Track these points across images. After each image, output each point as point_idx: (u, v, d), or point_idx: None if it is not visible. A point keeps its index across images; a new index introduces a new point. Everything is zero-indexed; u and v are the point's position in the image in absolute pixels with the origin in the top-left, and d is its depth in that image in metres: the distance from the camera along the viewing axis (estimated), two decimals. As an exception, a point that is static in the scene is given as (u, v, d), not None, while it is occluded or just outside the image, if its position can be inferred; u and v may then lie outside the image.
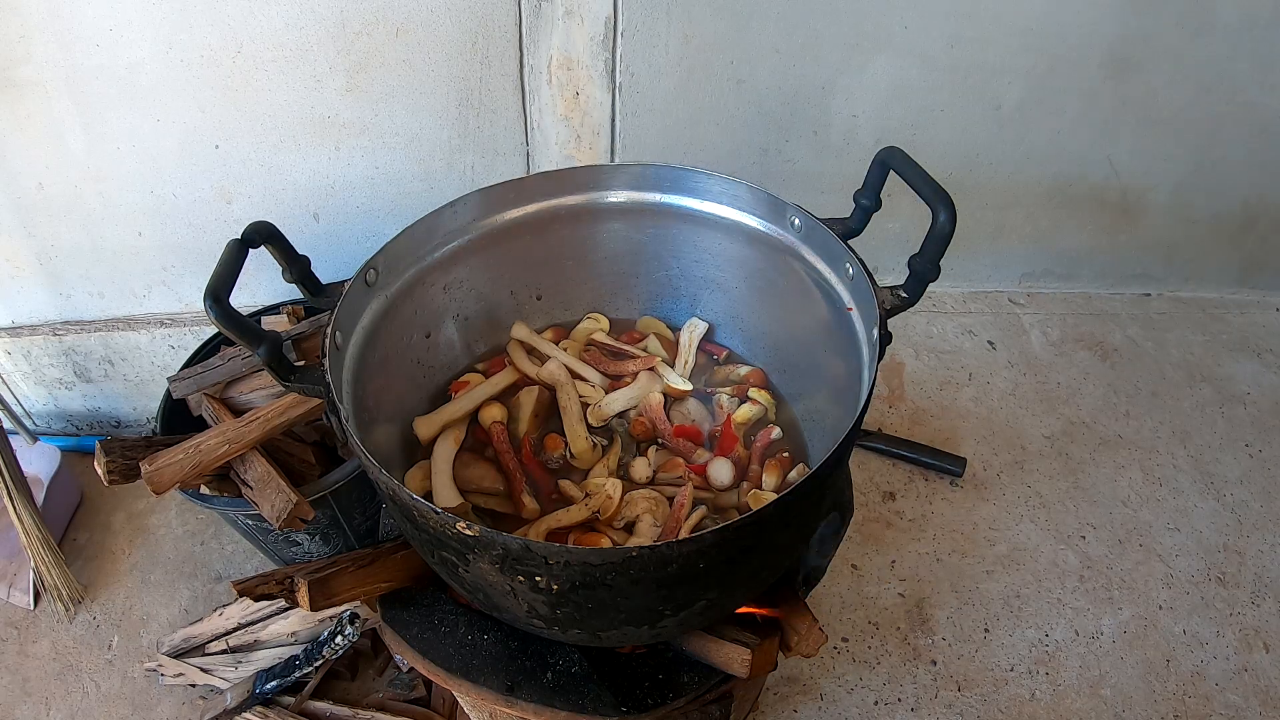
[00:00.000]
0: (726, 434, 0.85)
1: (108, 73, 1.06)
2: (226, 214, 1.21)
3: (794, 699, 1.07)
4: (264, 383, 1.02)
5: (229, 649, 1.12)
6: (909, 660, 1.11)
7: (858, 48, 1.23)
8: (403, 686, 1.10)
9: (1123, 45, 1.28)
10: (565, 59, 1.14)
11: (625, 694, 0.73)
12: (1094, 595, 1.18)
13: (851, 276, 0.75)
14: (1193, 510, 1.29)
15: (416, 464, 0.83)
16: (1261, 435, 1.40)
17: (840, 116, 1.30)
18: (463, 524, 0.57)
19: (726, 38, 1.17)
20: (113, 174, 1.15)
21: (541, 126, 1.20)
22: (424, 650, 0.76)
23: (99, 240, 1.23)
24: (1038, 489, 1.31)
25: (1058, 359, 1.52)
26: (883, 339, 0.69)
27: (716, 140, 1.29)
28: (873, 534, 1.25)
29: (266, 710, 1.05)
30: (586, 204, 0.90)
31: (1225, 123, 1.40)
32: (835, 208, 0.82)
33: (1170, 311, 1.63)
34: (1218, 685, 1.10)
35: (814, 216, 0.79)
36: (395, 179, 1.22)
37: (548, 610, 0.63)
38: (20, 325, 1.32)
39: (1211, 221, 1.55)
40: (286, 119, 1.13)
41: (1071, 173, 1.45)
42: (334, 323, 0.70)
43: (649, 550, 0.57)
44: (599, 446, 0.85)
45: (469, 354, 0.94)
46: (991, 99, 1.33)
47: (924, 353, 1.53)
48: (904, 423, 1.41)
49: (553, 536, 0.76)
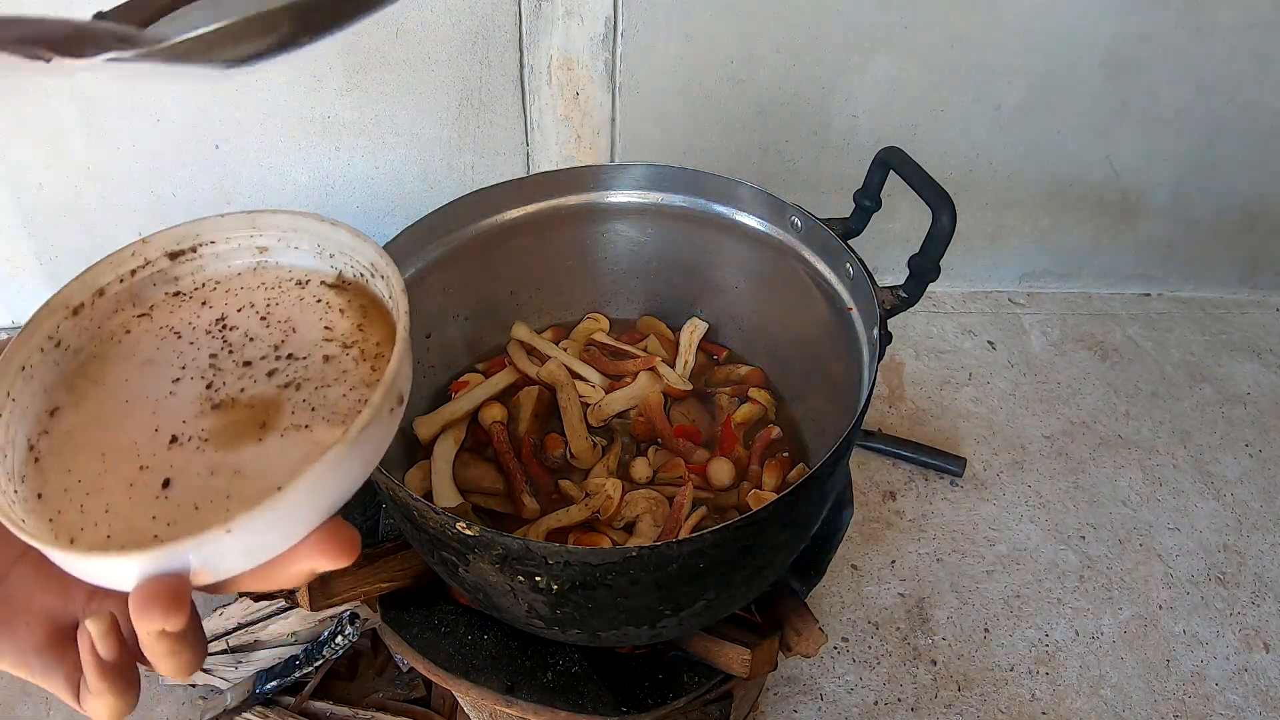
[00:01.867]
0: (726, 434, 0.85)
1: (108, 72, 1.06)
2: (226, 214, 1.21)
3: (794, 699, 1.07)
4: (264, 383, 1.02)
5: (229, 649, 1.12)
6: (909, 660, 1.11)
7: (858, 48, 1.23)
8: (403, 686, 1.10)
9: (1123, 45, 1.28)
10: (565, 59, 1.14)
11: (625, 694, 0.73)
12: (1094, 595, 1.18)
13: (851, 276, 0.75)
14: (1193, 510, 1.29)
15: (416, 464, 0.83)
16: (1261, 435, 1.40)
17: (840, 116, 1.30)
18: (463, 524, 0.57)
19: (726, 38, 1.17)
20: (113, 174, 1.15)
21: (541, 126, 1.20)
22: (424, 650, 0.76)
23: (99, 240, 1.23)
24: (1038, 489, 1.31)
25: (1058, 359, 1.52)
26: (883, 339, 0.69)
27: (716, 140, 1.29)
28: (873, 534, 1.25)
29: (266, 710, 1.05)
30: (586, 204, 0.90)
31: (1225, 123, 1.40)
32: (835, 208, 0.82)
33: (1170, 311, 1.63)
34: (1218, 685, 1.10)
35: (814, 216, 0.79)
36: (395, 179, 1.22)
37: (548, 610, 0.63)
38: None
39: (1211, 221, 1.55)
40: (286, 119, 1.13)
41: (1071, 173, 1.45)
42: (334, 323, 0.70)
43: (649, 550, 0.57)
44: (599, 446, 0.85)
45: (469, 354, 0.94)
46: (991, 99, 1.33)
47: (924, 353, 1.53)
48: (904, 423, 1.41)
49: (553, 536, 0.76)
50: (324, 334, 0.39)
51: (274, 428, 0.35)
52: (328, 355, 0.38)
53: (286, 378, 0.38)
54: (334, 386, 0.37)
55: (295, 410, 0.36)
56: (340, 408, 0.36)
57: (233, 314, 0.41)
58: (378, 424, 0.31)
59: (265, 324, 0.40)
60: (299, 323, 0.40)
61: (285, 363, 0.38)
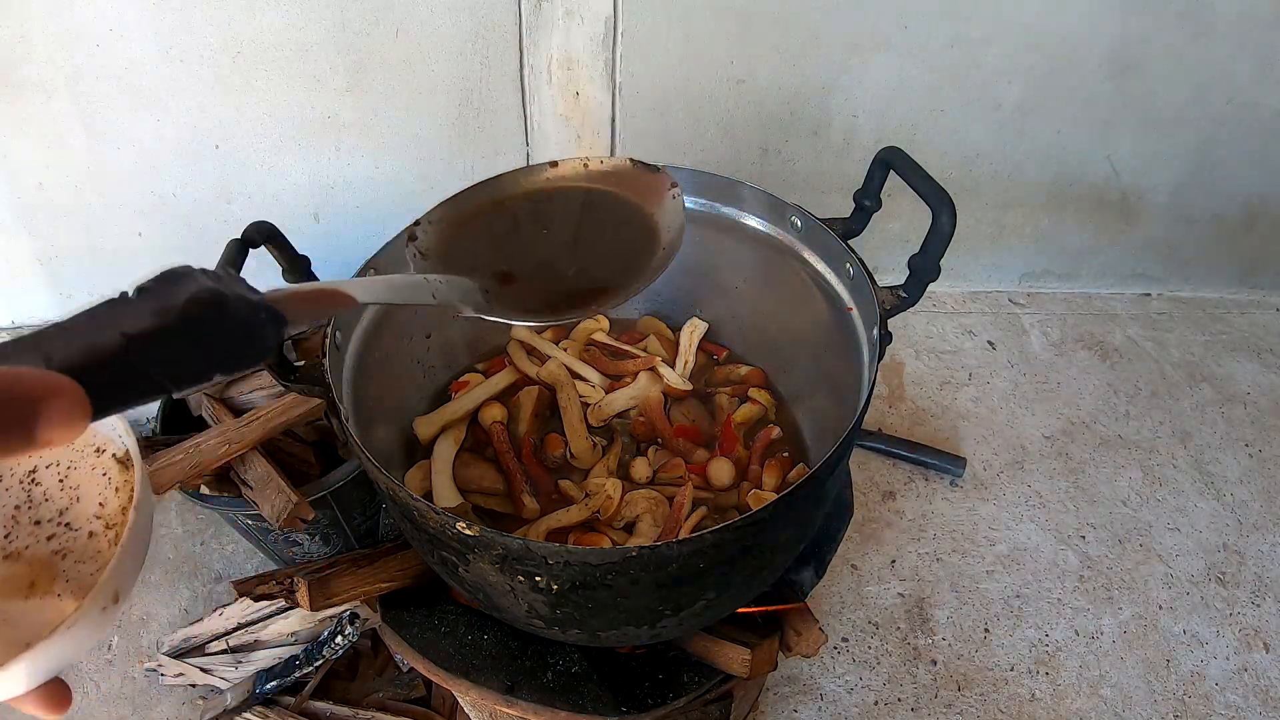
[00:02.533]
0: (726, 434, 0.85)
1: (108, 73, 1.06)
2: (226, 214, 1.21)
3: (794, 699, 1.07)
4: (264, 383, 1.02)
5: (229, 649, 1.12)
6: (909, 660, 1.11)
7: (858, 48, 1.23)
8: (403, 686, 1.10)
9: (1123, 45, 1.28)
10: (565, 59, 1.14)
11: (625, 694, 0.73)
12: (1094, 595, 1.18)
13: (851, 276, 0.75)
14: (1193, 510, 1.29)
15: (416, 464, 0.83)
16: (1261, 435, 1.40)
17: (840, 116, 1.30)
18: (463, 524, 0.57)
19: (726, 38, 1.17)
20: (113, 174, 1.15)
21: (541, 126, 1.20)
22: (424, 650, 0.76)
23: (99, 240, 1.23)
24: (1038, 489, 1.31)
25: (1058, 359, 1.52)
26: (883, 339, 0.69)
27: (716, 140, 1.29)
28: (873, 534, 1.25)
29: (266, 710, 1.05)
30: (586, 204, 0.90)
31: (1225, 123, 1.40)
32: (835, 208, 0.81)
33: (1170, 311, 1.63)
34: (1218, 685, 1.10)
35: (814, 216, 0.79)
36: (395, 179, 1.22)
37: (548, 610, 0.63)
38: (20, 325, 1.32)
39: (1211, 221, 1.55)
40: (286, 119, 1.13)
41: (1071, 173, 1.45)
42: (334, 323, 0.70)
43: (649, 550, 0.57)
44: (599, 446, 0.85)
45: (469, 354, 0.94)
46: (991, 99, 1.33)
47: (924, 353, 1.53)
48: (904, 423, 1.41)
49: (553, 536, 0.76)
50: (97, 509, 0.40)
51: (40, 589, 0.38)
52: (92, 532, 0.40)
53: (59, 545, 0.39)
54: (87, 564, 0.39)
55: (58, 578, 0.38)
56: (85, 585, 0.38)
57: (43, 469, 0.42)
58: (85, 624, 0.32)
59: (61, 486, 0.41)
60: (84, 492, 0.41)
61: (62, 530, 0.40)
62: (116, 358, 0.26)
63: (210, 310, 0.29)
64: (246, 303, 0.30)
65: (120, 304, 0.27)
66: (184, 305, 0.28)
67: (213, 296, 0.29)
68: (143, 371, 0.27)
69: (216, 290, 0.29)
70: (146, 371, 0.27)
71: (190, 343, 0.28)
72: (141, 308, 0.27)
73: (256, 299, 0.31)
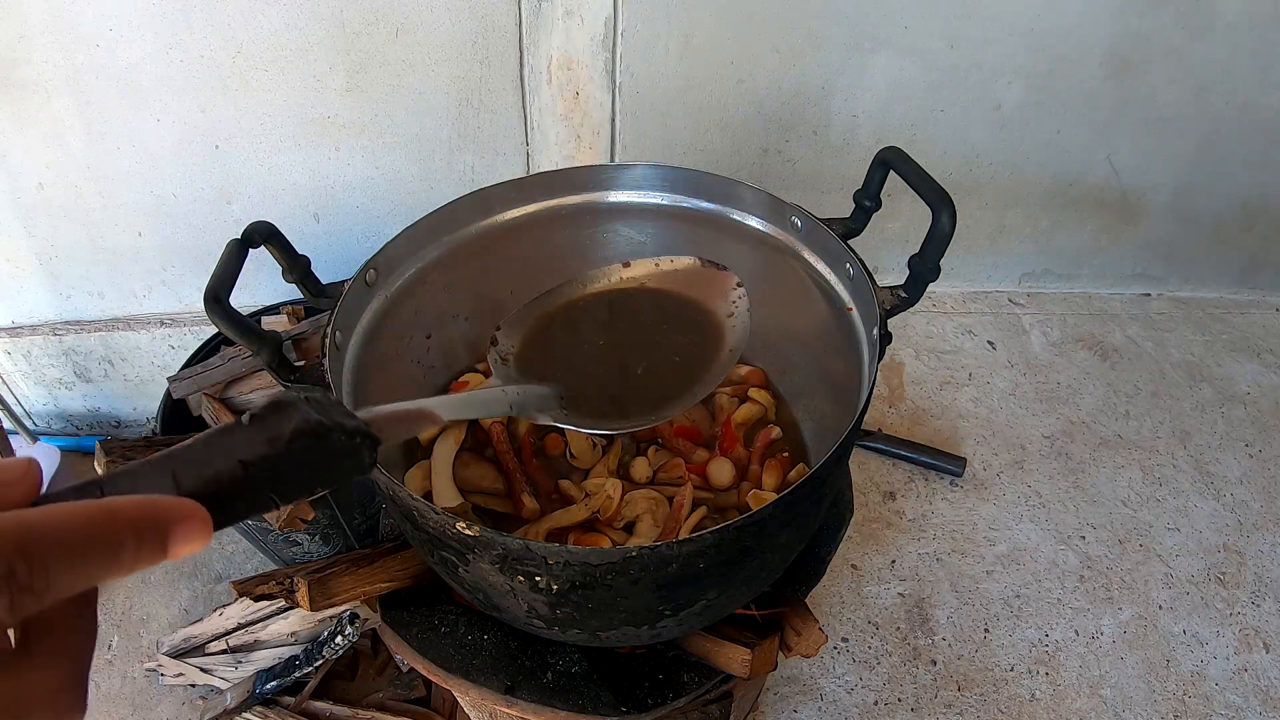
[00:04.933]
0: (726, 434, 0.85)
1: (108, 73, 1.06)
2: (226, 214, 1.21)
3: (794, 699, 1.07)
4: (264, 383, 1.02)
5: (229, 649, 1.12)
6: (909, 660, 1.11)
7: (858, 48, 1.23)
8: (403, 686, 1.10)
9: (1123, 45, 1.28)
10: (565, 59, 1.14)
11: (625, 694, 0.73)
12: (1094, 595, 1.18)
13: (851, 276, 0.75)
14: (1193, 510, 1.29)
15: (416, 464, 0.83)
16: (1261, 435, 1.40)
17: (840, 116, 1.30)
18: (463, 524, 0.57)
19: (726, 38, 1.17)
20: (113, 174, 1.15)
21: (541, 126, 1.20)
22: (424, 650, 0.76)
23: (99, 240, 1.23)
24: (1038, 489, 1.31)
25: (1058, 359, 1.52)
26: (883, 339, 0.69)
27: (716, 140, 1.29)
28: (873, 534, 1.25)
29: (266, 710, 1.05)
30: (586, 204, 0.90)
31: (1225, 123, 1.40)
32: (835, 208, 0.81)
33: (1170, 311, 1.63)
34: (1218, 685, 1.10)
35: (814, 216, 0.79)
36: (395, 179, 1.22)
37: (548, 610, 0.63)
38: (20, 325, 1.32)
39: (1211, 221, 1.55)
40: (286, 119, 1.13)
41: (1071, 173, 1.45)
42: (334, 323, 0.70)
43: (649, 550, 0.57)
44: (599, 446, 0.85)
45: (469, 354, 0.94)
46: (991, 99, 1.33)
47: (924, 353, 1.53)
48: (904, 423, 1.41)
49: (553, 536, 0.76)
50: None
51: None
52: None
53: None
54: None
55: None
56: None
57: None
58: None
59: None
60: None
61: None
62: (235, 483, 0.30)
63: (314, 440, 0.32)
64: (345, 429, 0.34)
65: (235, 431, 0.31)
66: (291, 435, 0.31)
67: (317, 427, 0.32)
68: (255, 492, 0.30)
69: (320, 421, 0.33)
70: (259, 492, 0.30)
71: (297, 467, 0.32)
72: (256, 437, 0.31)
73: (353, 425, 0.34)
